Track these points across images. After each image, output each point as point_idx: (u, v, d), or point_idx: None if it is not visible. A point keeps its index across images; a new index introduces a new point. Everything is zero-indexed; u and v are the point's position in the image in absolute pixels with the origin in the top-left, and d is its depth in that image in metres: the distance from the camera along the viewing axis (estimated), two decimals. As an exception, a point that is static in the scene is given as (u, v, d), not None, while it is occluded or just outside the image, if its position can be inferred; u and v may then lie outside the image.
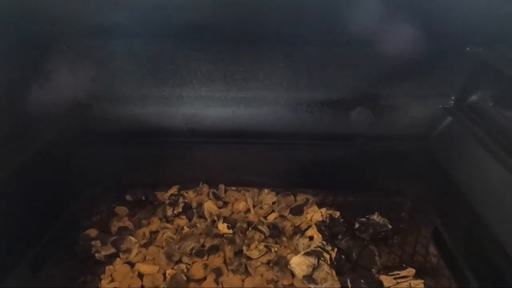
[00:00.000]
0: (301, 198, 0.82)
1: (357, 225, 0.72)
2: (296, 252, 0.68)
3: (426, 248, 0.70)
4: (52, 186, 0.75)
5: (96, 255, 0.65)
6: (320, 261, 0.60)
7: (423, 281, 0.58)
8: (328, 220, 0.74)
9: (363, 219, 0.73)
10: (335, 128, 0.84)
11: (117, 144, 0.87)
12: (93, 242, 0.68)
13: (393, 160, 0.84)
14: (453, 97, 0.79)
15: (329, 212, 0.77)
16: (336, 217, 0.76)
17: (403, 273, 0.60)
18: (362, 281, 0.58)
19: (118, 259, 0.65)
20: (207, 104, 0.83)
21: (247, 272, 0.63)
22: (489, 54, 0.68)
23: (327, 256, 0.61)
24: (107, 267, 0.64)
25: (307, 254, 0.60)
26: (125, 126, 0.86)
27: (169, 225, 0.74)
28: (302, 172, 0.87)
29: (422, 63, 0.76)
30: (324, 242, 0.63)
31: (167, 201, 0.78)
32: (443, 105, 0.80)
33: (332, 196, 0.85)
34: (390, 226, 0.71)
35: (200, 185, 0.84)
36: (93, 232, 0.72)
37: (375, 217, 0.73)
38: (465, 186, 0.70)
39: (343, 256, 0.64)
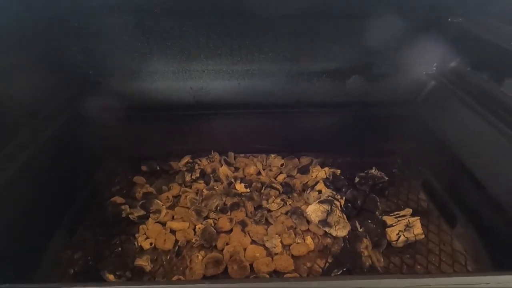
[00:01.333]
0: (305, 160, 0.90)
1: (357, 179, 0.82)
2: (307, 204, 0.77)
3: (417, 195, 0.81)
4: (72, 160, 0.79)
5: (130, 216, 0.71)
6: (333, 207, 0.69)
7: (419, 217, 0.69)
8: (331, 177, 0.84)
9: (362, 174, 0.83)
10: (333, 96, 0.93)
11: (129, 119, 0.91)
12: (122, 207, 0.74)
13: (384, 124, 0.94)
14: (435, 64, 0.89)
15: (331, 170, 0.86)
16: (338, 174, 0.85)
17: (402, 212, 0.70)
18: (369, 221, 0.68)
19: (149, 219, 0.71)
20: (214, 77, 0.89)
21: (267, 223, 0.72)
22: (468, 23, 0.77)
23: (337, 203, 0.70)
24: (140, 226, 0.70)
25: (321, 202, 0.69)
26: (134, 100, 0.90)
27: (189, 189, 0.81)
28: (304, 137, 0.95)
29: (409, 33, 0.85)
30: (334, 192, 0.72)
31: (184, 168, 0.85)
32: (426, 71, 0.90)
33: (332, 157, 0.94)
34: (387, 178, 0.81)
35: (212, 153, 0.91)
36: (119, 199, 0.77)
37: (373, 171, 0.83)
38: (450, 141, 0.80)
39: (349, 204, 0.74)
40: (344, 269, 0.58)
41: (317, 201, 0.70)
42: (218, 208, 0.73)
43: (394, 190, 0.83)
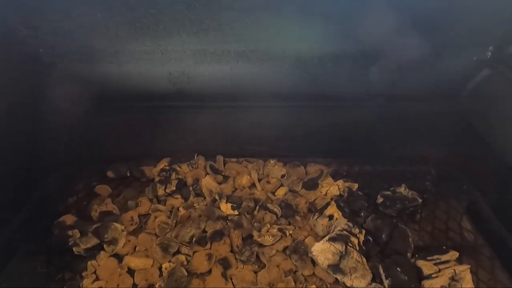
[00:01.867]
0: (313, 169, 0.71)
1: (380, 200, 0.63)
2: (313, 233, 0.58)
3: (459, 223, 0.62)
4: (17, 163, 0.62)
5: (74, 249, 0.53)
6: (348, 247, 0.50)
7: (469, 266, 0.49)
8: (346, 194, 0.65)
9: (388, 193, 0.63)
10: (351, 87, 0.72)
11: (92, 111, 0.73)
12: (70, 232, 0.56)
13: (415, 123, 0.74)
14: (491, 47, 0.67)
15: (347, 184, 0.66)
16: (355, 189, 0.66)
17: (444, 257, 0.51)
18: (398, 269, 0.49)
19: (102, 252, 0.54)
20: (199, 60, 0.69)
21: (259, 262, 0.53)
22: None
23: (355, 241, 0.51)
24: (89, 263, 0.53)
25: (332, 239, 0.50)
26: (99, 88, 0.71)
27: (161, 207, 0.63)
28: (311, 138, 0.75)
29: (454, 7, 0.63)
30: (351, 224, 0.53)
31: (157, 178, 0.66)
32: (478, 56, 0.68)
33: (346, 165, 0.74)
34: (420, 200, 0.61)
35: (195, 158, 0.72)
36: (69, 219, 0.60)
37: (402, 189, 0.63)
38: (505, 149, 0.61)
39: (370, 238, 0.55)
40: None
41: (327, 238, 0.51)
42: (194, 238, 0.55)
43: (427, 213, 0.63)
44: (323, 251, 0.50)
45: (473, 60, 0.68)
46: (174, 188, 0.65)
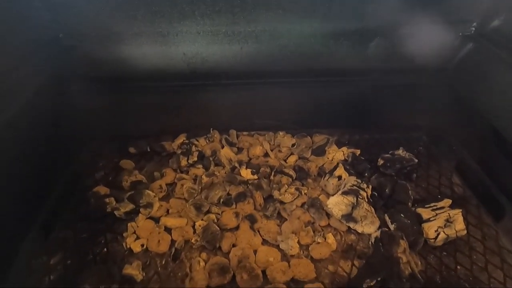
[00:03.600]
0: (318, 138, 0.78)
1: (381, 162, 0.71)
2: (324, 193, 0.65)
3: (450, 179, 0.70)
4: (44, 141, 0.66)
5: (116, 212, 0.59)
6: (358, 198, 0.58)
7: (460, 210, 0.58)
8: (350, 159, 0.72)
9: (387, 155, 0.71)
10: (352, 63, 0.79)
11: (111, 91, 0.78)
12: (107, 200, 0.62)
13: (408, 94, 0.82)
14: (474, 23, 0.75)
15: (350, 150, 0.74)
16: (358, 155, 0.74)
17: (440, 204, 0.59)
18: (402, 215, 0.57)
19: (139, 215, 0.60)
20: (212, 41, 0.74)
21: (280, 217, 0.61)
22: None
23: (364, 194, 0.59)
24: (129, 224, 0.59)
25: (345, 193, 0.58)
26: (117, 69, 0.76)
27: (185, 176, 0.69)
28: (315, 111, 0.82)
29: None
30: (359, 180, 0.61)
31: (179, 151, 0.72)
32: (463, 32, 0.76)
33: (348, 134, 0.82)
34: (416, 160, 0.70)
35: (211, 132, 0.78)
36: (103, 189, 0.65)
37: (400, 152, 0.71)
38: (489, 114, 0.69)
39: (375, 193, 0.63)
40: (379, 279, 0.48)
41: (340, 192, 0.58)
42: (221, 200, 0.62)
43: (422, 173, 0.72)
44: (337, 204, 0.58)
45: (459, 35, 0.76)
46: (196, 158, 0.71)
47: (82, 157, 0.77)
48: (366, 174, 0.68)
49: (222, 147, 0.76)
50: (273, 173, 0.68)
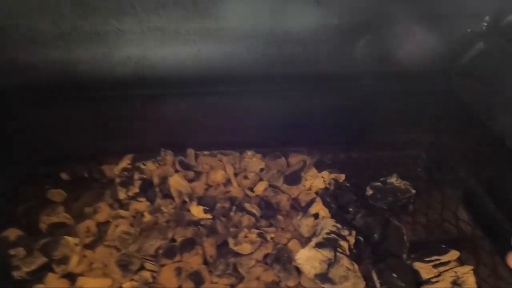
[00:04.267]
0: (295, 159, 0.64)
1: (370, 192, 0.57)
2: (297, 234, 0.52)
3: (454, 213, 0.56)
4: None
5: (14, 273, 0.45)
6: (337, 253, 0.44)
7: (472, 267, 0.44)
8: (332, 187, 0.58)
9: (378, 183, 0.57)
10: (334, 66, 0.64)
11: (41, 103, 0.63)
12: (12, 251, 0.48)
13: (405, 103, 0.67)
14: (486, 17, 0.60)
15: (332, 176, 0.60)
16: (342, 181, 0.60)
17: (444, 258, 0.45)
18: (394, 274, 0.43)
19: (49, 274, 0.46)
20: (161, 42, 0.59)
21: (237, 273, 0.47)
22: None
23: (345, 245, 0.45)
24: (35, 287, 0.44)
25: (320, 245, 0.44)
26: (46, 77, 0.61)
27: (123, 212, 0.55)
28: (293, 125, 0.68)
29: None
30: (339, 225, 0.47)
31: (118, 179, 0.58)
32: (472, 28, 0.62)
33: (331, 153, 0.68)
34: (414, 191, 0.56)
35: (162, 153, 0.63)
36: (13, 233, 0.51)
37: (394, 180, 0.57)
38: (502, 132, 0.55)
39: (361, 238, 0.49)
40: None
41: (313, 244, 0.44)
42: (160, 251, 0.47)
43: (420, 203, 0.58)
44: (309, 259, 0.44)
45: (466, 32, 0.62)
46: (137, 190, 0.56)
47: (5, 184, 0.63)
48: (350, 209, 0.54)
49: (177, 171, 0.62)
50: (233, 209, 0.54)
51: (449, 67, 0.65)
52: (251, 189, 0.59)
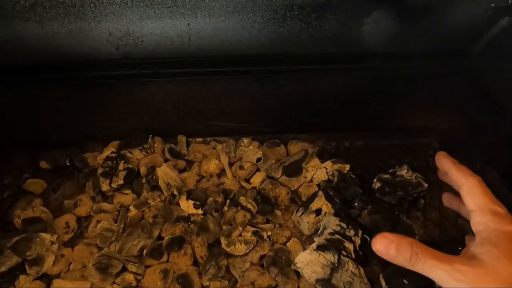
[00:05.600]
0: (295, 148, 0.58)
1: (377, 184, 0.51)
2: (297, 232, 0.47)
3: (470, 208, 0.51)
4: None
5: (-19, 277, 0.40)
6: (342, 256, 0.39)
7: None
8: (336, 179, 0.53)
9: (386, 176, 0.52)
10: (339, 45, 0.58)
11: (15, 84, 0.57)
12: (-19, 250, 0.43)
13: (416, 86, 0.62)
14: (513, -10, 0.53)
15: (336, 166, 0.55)
16: (346, 171, 0.54)
17: (461, 261, 0.40)
18: (404, 280, 0.39)
19: (22, 276, 0.41)
20: (146, 15, 0.53)
21: (230, 275, 0.42)
22: None
23: (350, 247, 0.40)
24: (5, 291, 0.40)
25: (321, 248, 0.39)
26: (17, 54, 0.55)
27: (106, 206, 0.50)
28: (292, 110, 0.62)
29: None
30: (344, 225, 0.42)
31: (100, 170, 0.52)
32: (496, 2, 0.55)
33: (335, 140, 0.62)
34: (426, 185, 0.50)
35: (150, 139, 0.58)
36: (-16, 230, 0.46)
37: (404, 172, 0.52)
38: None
39: (367, 238, 0.44)
40: None
41: (314, 247, 0.40)
42: (145, 251, 0.43)
43: (431, 197, 0.53)
44: (310, 263, 0.39)
45: (491, 6, 0.55)
46: (121, 181, 0.51)
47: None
48: (356, 204, 0.49)
49: (166, 160, 0.56)
50: (226, 203, 0.49)
51: (469, 47, 0.59)
52: (247, 181, 0.54)
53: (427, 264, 0.29)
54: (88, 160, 0.57)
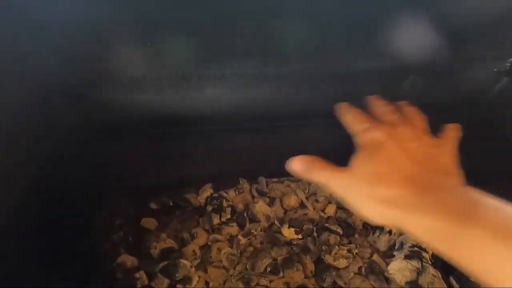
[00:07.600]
0: (355, 183, 0.73)
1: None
2: (375, 250, 0.60)
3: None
4: (59, 205, 0.58)
5: (150, 294, 0.51)
6: (423, 262, 0.52)
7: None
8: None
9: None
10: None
11: (122, 140, 0.71)
12: (137, 274, 0.54)
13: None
14: (510, 59, 0.72)
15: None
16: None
17: None
18: (470, 279, 0.52)
19: (177, 293, 0.52)
20: (238, 84, 0.68)
21: (336, 285, 0.54)
22: None
23: (427, 256, 0.54)
24: (167, 307, 0.51)
25: (408, 257, 0.53)
26: (127, 116, 0.69)
27: (219, 236, 0.62)
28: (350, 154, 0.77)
29: (486, 22, 0.68)
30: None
31: (210, 207, 0.65)
32: (498, 68, 0.74)
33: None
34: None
35: (241, 181, 0.71)
36: (129, 260, 0.57)
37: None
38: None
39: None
40: None
41: (403, 256, 0.53)
42: (268, 268, 0.55)
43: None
44: (400, 270, 0.52)
45: (493, 71, 0.74)
46: (229, 216, 0.64)
47: (98, 216, 0.68)
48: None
49: (253, 197, 0.69)
50: (315, 229, 0.62)
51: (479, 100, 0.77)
52: (323, 211, 0.67)
53: (315, 173, 0.35)
54: (191, 200, 0.69)
